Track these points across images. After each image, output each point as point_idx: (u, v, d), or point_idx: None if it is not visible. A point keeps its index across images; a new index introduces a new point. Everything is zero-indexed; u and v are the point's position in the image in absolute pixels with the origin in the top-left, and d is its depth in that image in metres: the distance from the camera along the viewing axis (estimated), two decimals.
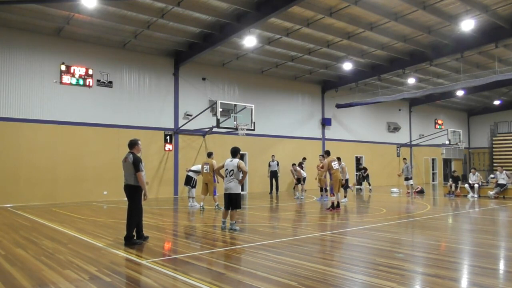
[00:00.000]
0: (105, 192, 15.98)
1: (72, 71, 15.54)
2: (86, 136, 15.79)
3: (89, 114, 15.94)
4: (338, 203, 12.15)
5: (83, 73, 15.80)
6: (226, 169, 8.39)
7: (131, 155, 7.08)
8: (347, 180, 15.14)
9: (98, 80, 16.20)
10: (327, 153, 12.84)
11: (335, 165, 12.39)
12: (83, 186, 15.58)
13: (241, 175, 8.34)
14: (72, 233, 8.26)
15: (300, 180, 16.93)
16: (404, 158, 20.69)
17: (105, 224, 9.59)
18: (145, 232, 8.25)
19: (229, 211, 8.36)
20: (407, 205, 14.46)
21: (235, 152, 8.50)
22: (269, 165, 19.64)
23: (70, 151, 15.41)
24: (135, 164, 6.99)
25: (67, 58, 15.51)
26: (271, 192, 19.55)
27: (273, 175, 19.50)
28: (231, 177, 8.27)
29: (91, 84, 15.97)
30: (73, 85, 15.60)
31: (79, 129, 15.67)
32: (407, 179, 18.42)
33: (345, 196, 15.19)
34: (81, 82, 15.74)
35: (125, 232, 7.08)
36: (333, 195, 12.15)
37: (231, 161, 8.38)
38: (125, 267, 5.57)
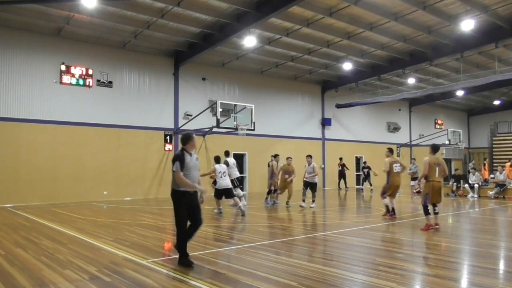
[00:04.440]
0: (105, 192, 15.96)
1: (72, 71, 15.54)
2: (86, 136, 15.78)
3: (89, 114, 15.93)
4: (393, 208, 10.58)
5: (83, 73, 15.81)
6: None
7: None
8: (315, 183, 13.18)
9: (98, 80, 16.20)
10: (391, 151, 10.88)
11: (396, 167, 10.47)
12: (83, 186, 15.57)
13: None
14: (72, 233, 8.26)
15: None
16: (413, 158, 20.80)
17: (105, 224, 9.58)
18: (145, 232, 8.26)
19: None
20: (407, 205, 14.45)
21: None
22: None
23: (70, 151, 15.39)
24: (172, 162, 5.68)
25: (67, 58, 15.51)
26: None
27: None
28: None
29: (91, 84, 15.97)
30: (73, 85, 15.59)
31: (79, 129, 15.67)
32: (416, 179, 18.67)
33: (313, 201, 13.07)
34: (81, 82, 15.74)
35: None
36: (385, 198, 10.67)
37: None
38: (125, 267, 5.56)
